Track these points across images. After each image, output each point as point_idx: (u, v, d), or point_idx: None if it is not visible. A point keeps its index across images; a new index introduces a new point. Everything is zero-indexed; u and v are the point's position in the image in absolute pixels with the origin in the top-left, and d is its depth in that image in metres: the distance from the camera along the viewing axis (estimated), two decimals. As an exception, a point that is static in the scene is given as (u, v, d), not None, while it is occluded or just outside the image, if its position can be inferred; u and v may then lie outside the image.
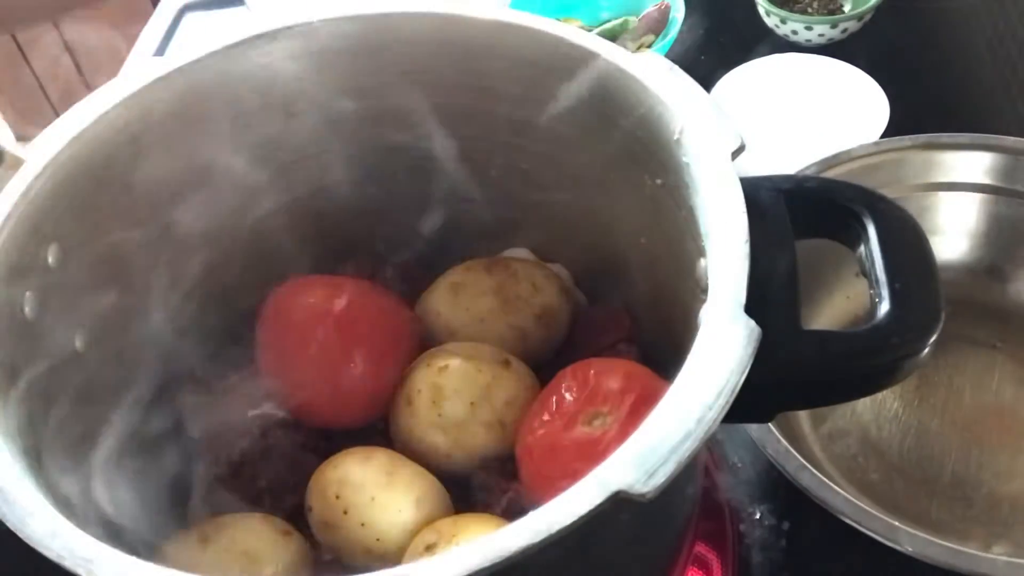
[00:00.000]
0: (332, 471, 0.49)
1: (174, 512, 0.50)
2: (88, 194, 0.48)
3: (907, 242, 0.45)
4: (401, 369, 0.53)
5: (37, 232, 0.46)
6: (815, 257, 0.52)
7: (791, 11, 0.94)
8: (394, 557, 0.47)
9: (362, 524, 0.47)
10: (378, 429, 0.54)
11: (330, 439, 0.53)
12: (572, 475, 0.44)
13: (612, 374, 0.47)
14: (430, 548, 0.46)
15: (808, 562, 0.60)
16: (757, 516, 0.62)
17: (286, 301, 0.53)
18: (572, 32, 0.50)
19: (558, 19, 0.82)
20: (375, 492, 0.48)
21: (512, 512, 0.48)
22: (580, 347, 0.55)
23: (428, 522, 0.48)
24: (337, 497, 0.48)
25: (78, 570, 0.34)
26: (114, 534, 0.39)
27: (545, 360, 0.55)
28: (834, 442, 0.65)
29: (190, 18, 1.09)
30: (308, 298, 0.53)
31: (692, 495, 0.51)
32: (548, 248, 0.61)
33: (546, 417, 0.47)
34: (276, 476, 0.51)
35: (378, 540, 0.47)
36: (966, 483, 0.62)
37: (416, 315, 0.56)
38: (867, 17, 0.92)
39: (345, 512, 0.48)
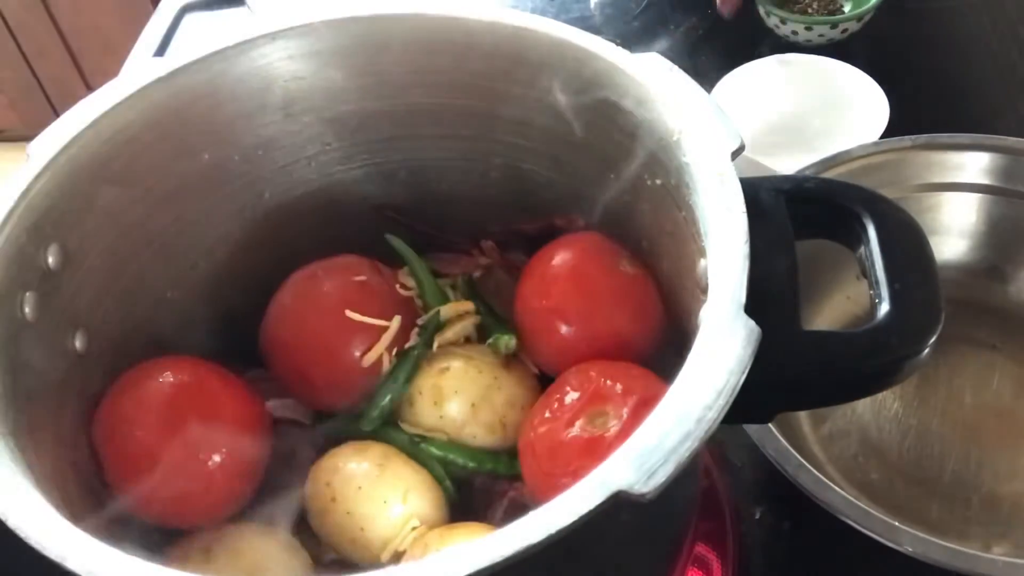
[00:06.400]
0: (328, 460, 0.50)
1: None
2: (88, 194, 0.48)
3: (907, 242, 0.45)
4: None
5: (37, 232, 0.46)
6: (815, 257, 0.53)
7: (791, 12, 0.94)
8: (378, 549, 0.47)
9: (347, 512, 0.48)
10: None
11: (338, 439, 0.53)
12: (573, 474, 0.44)
13: (615, 375, 0.47)
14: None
15: (808, 562, 0.60)
16: (757, 516, 0.62)
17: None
18: (572, 33, 0.50)
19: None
20: (363, 482, 0.48)
21: (513, 512, 0.48)
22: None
23: (416, 517, 0.48)
24: (327, 484, 0.49)
25: (78, 570, 0.34)
26: (115, 536, 0.39)
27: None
28: (834, 442, 0.65)
29: (190, 18, 1.09)
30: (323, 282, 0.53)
31: (692, 495, 0.51)
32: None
33: (548, 416, 0.47)
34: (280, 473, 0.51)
35: (362, 530, 0.47)
36: (966, 483, 0.62)
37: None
38: (867, 17, 0.92)
39: (333, 500, 0.48)
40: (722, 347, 0.37)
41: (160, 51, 1.05)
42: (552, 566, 0.37)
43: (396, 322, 0.52)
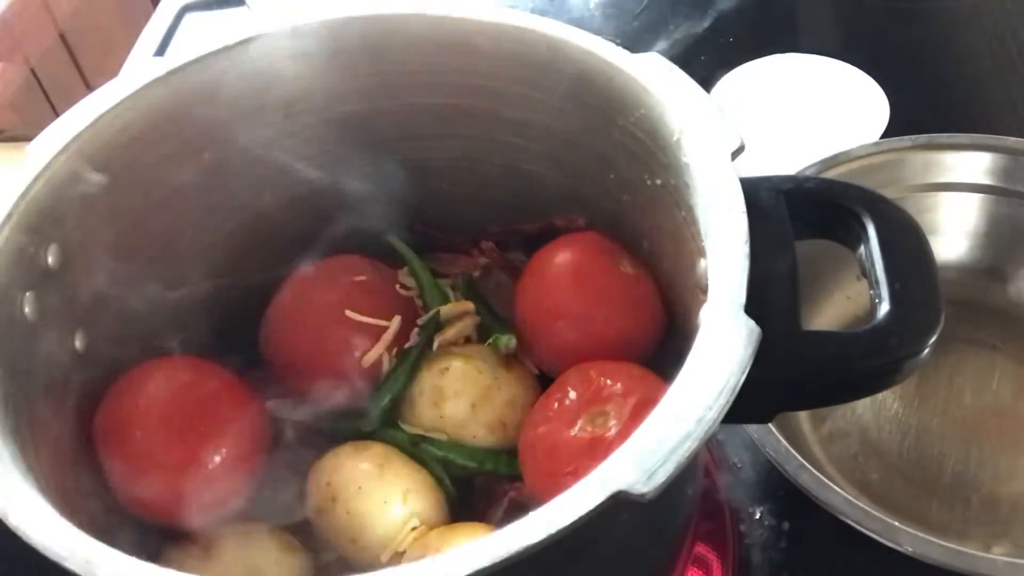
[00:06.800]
0: (328, 459, 0.50)
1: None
2: (88, 194, 0.48)
3: (907, 242, 0.45)
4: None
5: (37, 232, 0.46)
6: (815, 257, 0.53)
7: None
8: (378, 549, 0.47)
9: (347, 512, 0.48)
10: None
11: (338, 438, 0.53)
12: (573, 474, 0.44)
13: (615, 375, 0.47)
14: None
15: (808, 562, 0.60)
16: (757, 516, 0.62)
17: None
18: (572, 32, 0.50)
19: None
20: (363, 482, 0.48)
21: (513, 512, 0.48)
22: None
23: (416, 517, 0.48)
24: (327, 484, 0.49)
25: (78, 570, 0.34)
26: (115, 536, 0.39)
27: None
28: (834, 442, 0.65)
29: (190, 18, 1.09)
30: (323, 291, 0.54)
31: (692, 495, 0.51)
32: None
33: (548, 416, 0.47)
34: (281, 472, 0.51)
35: (362, 529, 0.47)
36: (966, 483, 0.62)
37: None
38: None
39: (333, 500, 0.48)
40: (722, 347, 0.37)
41: (160, 51, 1.05)
42: (552, 566, 0.37)
43: (396, 322, 0.52)
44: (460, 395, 0.51)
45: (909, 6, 0.97)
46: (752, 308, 0.38)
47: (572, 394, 0.47)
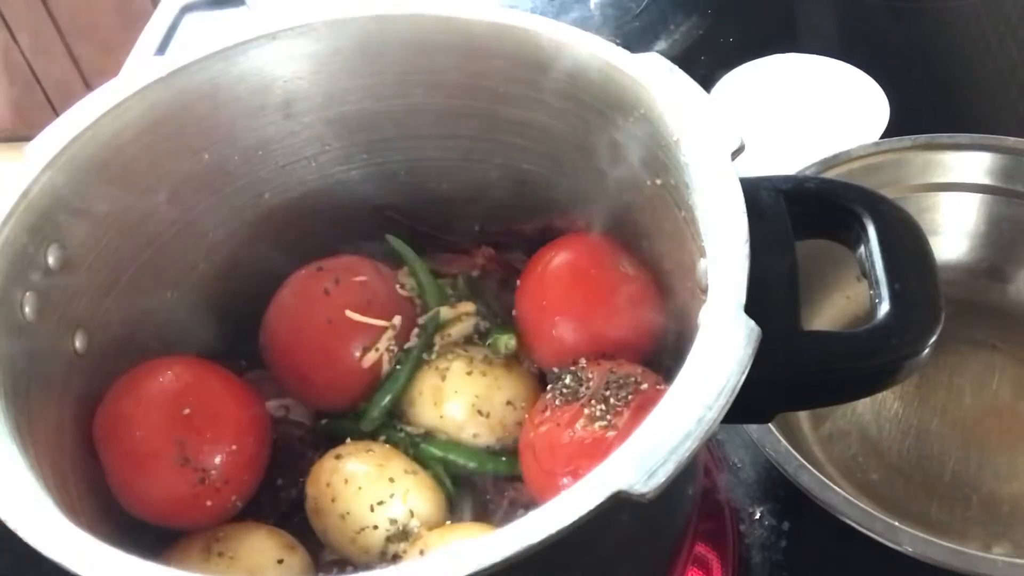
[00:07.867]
0: (329, 460, 0.50)
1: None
2: (88, 194, 0.48)
3: (907, 242, 0.45)
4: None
5: (37, 232, 0.46)
6: (815, 257, 0.53)
7: None
8: (377, 549, 0.47)
9: (347, 512, 0.48)
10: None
11: (338, 439, 0.53)
12: (573, 473, 0.44)
13: (616, 374, 0.47)
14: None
15: (808, 562, 0.60)
16: (757, 516, 0.62)
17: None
18: (572, 33, 0.50)
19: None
20: (363, 482, 0.48)
21: (513, 512, 0.48)
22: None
23: (416, 517, 0.48)
24: (328, 484, 0.49)
25: (78, 570, 0.34)
26: (115, 536, 0.39)
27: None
28: (834, 442, 0.65)
29: (190, 18, 1.09)
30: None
31: (692, 495, 0.51)
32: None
33: (548, 415, 0.47)
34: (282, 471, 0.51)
35: (362, 529, 0.47)
36: (966, 483, 0.62)
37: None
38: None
39: (333, 500, 0.48)
40: (722, 347, 0.37)
41: (160, 51, 1.05)
42: (552, 566, 0.37)
43: (396, 322, 0.52)
44: (460, 395, 0.51)
45: (909, 6, 0.97)
46: (752, 308, 0.38)
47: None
